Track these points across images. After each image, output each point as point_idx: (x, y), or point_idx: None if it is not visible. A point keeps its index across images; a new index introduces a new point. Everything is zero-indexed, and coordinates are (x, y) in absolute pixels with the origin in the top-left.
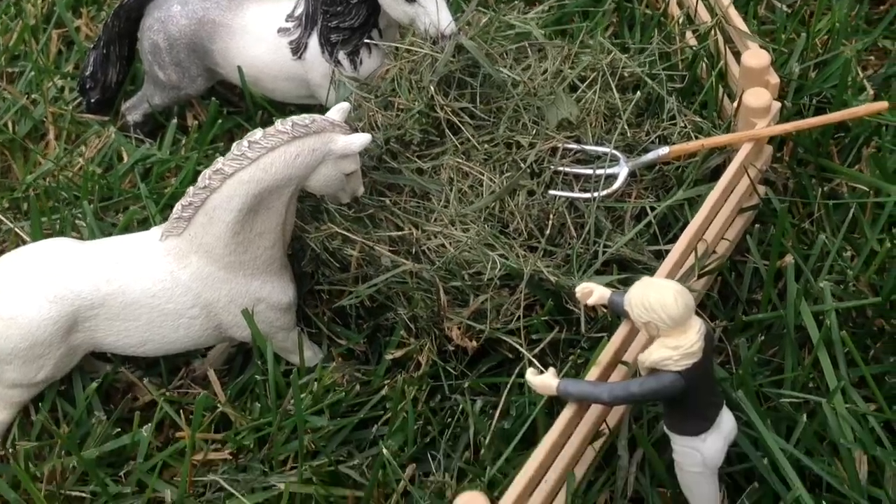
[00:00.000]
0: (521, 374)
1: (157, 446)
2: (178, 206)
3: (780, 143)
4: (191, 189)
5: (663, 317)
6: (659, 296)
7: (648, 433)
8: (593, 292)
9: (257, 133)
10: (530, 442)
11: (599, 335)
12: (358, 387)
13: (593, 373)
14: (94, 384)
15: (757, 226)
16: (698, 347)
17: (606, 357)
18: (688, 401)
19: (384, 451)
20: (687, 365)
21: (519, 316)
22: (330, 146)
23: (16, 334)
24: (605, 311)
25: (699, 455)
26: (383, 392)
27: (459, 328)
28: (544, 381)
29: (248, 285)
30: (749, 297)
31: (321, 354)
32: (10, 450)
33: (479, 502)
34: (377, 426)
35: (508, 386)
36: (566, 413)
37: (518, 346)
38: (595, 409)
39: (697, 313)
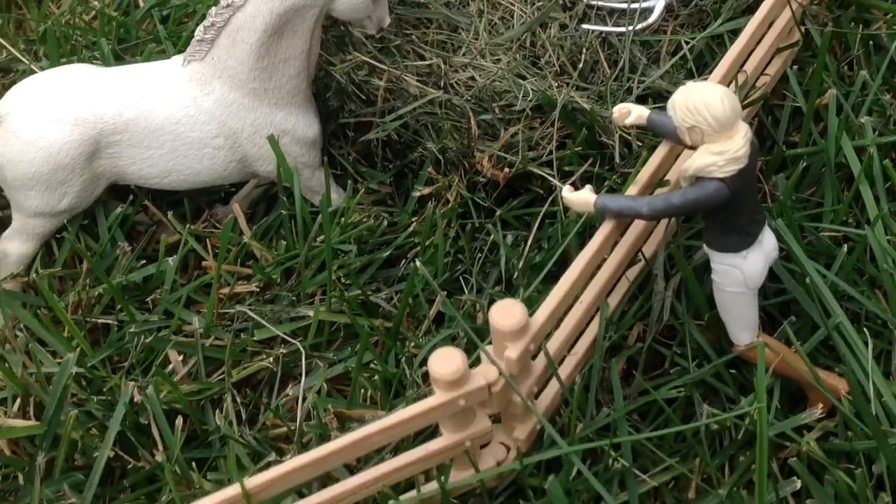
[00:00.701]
0: (554, 203)
1: (181, 284)
2: (199, 29)
3: None
4: (213, 10)
5: (709, 118)
6: (704, 97)
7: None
8: (631, 112)
9: None
10: None
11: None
12: (385, 223)
13: (631, 191)
14: (119, 210)
15: (795, 67)
16: (744, 152)
17: (645, 175)
18: (730, 213)
19: (417, 263)
20: (732, 171)
21: (551, 150)
22: None
23: (38, 157)
24: (640, 145)
25: (740, 273)
26: (412, 228)
27: (490, 159)
28: (581, 196)
29: (273, 115)
30: (786, 139)
31: (343, 203)
32: (35, 276)
33: (516, 309)
34: (405, 262)
35: (541, 216)
36: (604, 228)
37: (550, 178)
38: (632, 232)
39: None
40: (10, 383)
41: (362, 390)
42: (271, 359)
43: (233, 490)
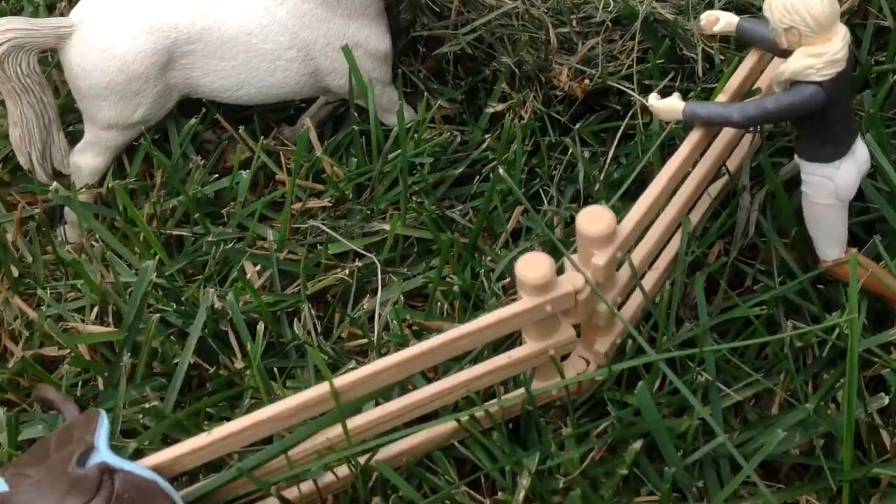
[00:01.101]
0: (634, 118)
1: (251, 200)
2: None
3: None
4: None
5: (807, 18)
6: None
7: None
8: (719, 19)
9: None
10: None
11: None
12: (458, 139)
13: (720, 99)
14: (193, 121)
15: None
16: (843, 55)
17: (735, 82)
18: (825, 121)
19: (500, 170)
20: (830, 75)
21: (630, 63)
22: None
23: (112, 66)
24: (722, 59)
25: (832, 184)
26: (486, 144)
27: (569, 72)
28: (669, 103)
29: (346, 27)
30: (868, 59)
31: (417, 117)
32: (109, 186)
33: (604, 214)
34: (478, 179)
35: (620, 131)
36: (692, 137)
37: (630, 92)
38: (716, 146)
39: None
40: (89, 292)
41: (438, 304)
42: (346, 271)
43: (319, 389)
